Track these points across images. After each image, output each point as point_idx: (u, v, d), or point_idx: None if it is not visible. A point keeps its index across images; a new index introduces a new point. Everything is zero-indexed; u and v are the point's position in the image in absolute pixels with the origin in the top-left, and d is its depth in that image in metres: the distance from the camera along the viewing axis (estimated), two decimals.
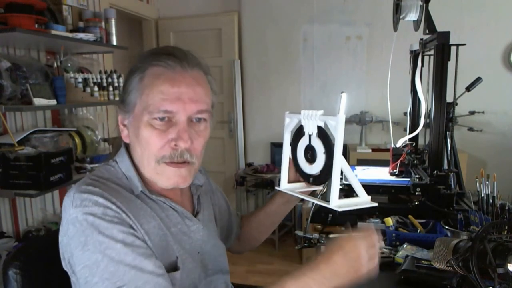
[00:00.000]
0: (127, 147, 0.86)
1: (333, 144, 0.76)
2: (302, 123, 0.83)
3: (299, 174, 0.88)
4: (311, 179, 0.83)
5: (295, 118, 0.87)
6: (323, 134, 0.78)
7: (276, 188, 0.96)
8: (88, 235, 0.70)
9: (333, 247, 0.73)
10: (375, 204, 0.78)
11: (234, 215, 1.15)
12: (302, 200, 0.95)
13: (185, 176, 0.81)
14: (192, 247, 0.86)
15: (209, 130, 0.86)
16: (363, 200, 0.78)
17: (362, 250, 0.71)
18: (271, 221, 1.13)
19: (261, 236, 1.17)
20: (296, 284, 0.70)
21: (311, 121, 0.80)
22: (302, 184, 0.95)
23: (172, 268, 0.79)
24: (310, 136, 0.81)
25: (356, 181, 0.77)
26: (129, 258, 0.70)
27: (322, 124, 0.79)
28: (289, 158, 0.92)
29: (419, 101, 1.71)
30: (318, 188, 0.89)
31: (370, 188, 1.45)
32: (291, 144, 0.89)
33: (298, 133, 0.84)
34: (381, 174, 1.63)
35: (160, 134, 0.77)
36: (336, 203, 0.75)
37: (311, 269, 0.71)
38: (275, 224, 1.15)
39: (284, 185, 0.94)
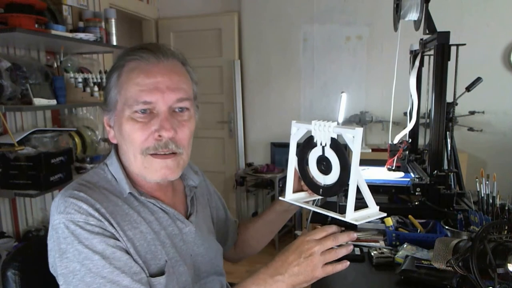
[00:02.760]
0: (117, 149, 0.86)
1: (347, 156, 0.74)
2: (313, 134, 0.79)
3: (306, 185, 0.86)
4: (321, 190, 0.80)
5: (303, 128, 0.83)
6: (336, 146, 0.76)
7: (281, 198, 0.93)
8: (69, 244, 0.71)
9: (290, 247, 0.75)
10: (385, 214, 0.79)
11: (232, 221, 1.13)
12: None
13: (172, 167, 0.80)
14: (183, 249, 0.86)
15: (194, 120, 0.84)
16: (373, 211, 0.77)
17: (316, 252, 0.72)
18: (269, 230, 1.11)
19: (258, 245, 1.15)
20: (254, 283, 0.73)
21: (323, 132, 0.77)
22: (306, 193, 0.94)
23: (160, 272, 0.79)
24: (323, 147, 0.78)
25: (369, 193, 0.76)
26: (106, 271, 0.70)
27: (335, 136, 0.76)
28: (295, 168, 0.88)
29: (419, 101, 1.71)
30: (319, 197, 0.87)
31: (372, 188, 1.46)
32: (297, 154, 0.85)
33: (308, 143, 0.81)
34: (382, 174, 1.63)
35: (143, 127, 0.77)
36: (352, 216, 0.74)
37: (267, 268, 0.74)
38: (273, 233, 1.13)
39: (290, 196, 0.91)
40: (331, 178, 0.78)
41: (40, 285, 0.88)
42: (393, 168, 1.64)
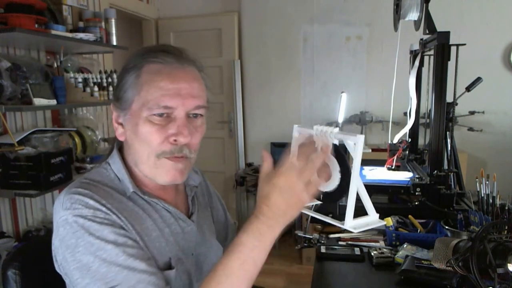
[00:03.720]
0: (120, 148, 0.86)
1: (349, 163, 0.74)
2: (315, 139, 0.77)
3: None
4: (321, 196, 0.79)
5: (305, 132, 0.81)
6: (338, 152, 0.75)
7: None
8: (79, 237, 0.70)
9: (268, 188, 0.68)
10: (384, 223, 0.78)
11: (231, 223, 1.13)
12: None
13: (182, 170, 0.81)
14: (185, 248, 0.86)
15: (205, 126, 0.86)
16: (373, 219, 0.77)
17: (296, 181, 0.67)
18: None
19: None
20: (250, 237, 0.68)
21: (324, 138, 0.75)
22: None
23: (167, 267, 0.79)
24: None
25: (369, 201, 0.76)
26: (120, 259, 0.70)
27: (337, 142, 0.75)
28: None
29: (419, 101, 1.71)
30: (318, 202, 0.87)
31: (381, 188, 1.46)
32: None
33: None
34: (392, 175, 1.62)
35: (160, 130, 0.77)
36: (351, 223, 0.74)
37: (258, 219, 0.68)
38: None
39: None
40: (331, 184, 0.77)
41: (40, 285, 0.88)
42: (393, 167, 1.64)
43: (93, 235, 0.70)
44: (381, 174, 1.63)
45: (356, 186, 0.72)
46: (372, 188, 1.45)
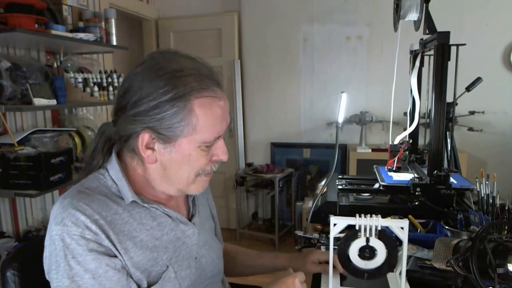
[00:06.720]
0: (117, 153, 0.83)
1: (395, 242, 0.84)
2: (358, 228, 0.85)
3: (349, 273, 0.89)
4: (366, 274, 0.87)
5: (344, 223, 0.87)
6: (384, 235, 0.84)
7: None
8: (62, 257, 0.71)
9: (277, 284, 0.83)
10: None
11: (219, 227, 1.11)
12: (303, 201, 0.96)
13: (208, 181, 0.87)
14: (187, 252, 0.86)
15: None
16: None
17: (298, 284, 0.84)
18: (251, 270, 1.16)
19: (234, 272, 1.16)
20: None
21: (369, 225, 0.84)
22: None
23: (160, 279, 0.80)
24: (368, 238, 0.85)
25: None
26: None
27: (380, 228, 0.83)
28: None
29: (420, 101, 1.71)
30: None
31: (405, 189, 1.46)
32: (340, 247, 0.88)
33: (352, 235, 0.86)
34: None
35: (207, 154, 0.81)
36: None
37: None
38: (256, 273, 1.16)
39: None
40: (374, 263, 0.85)
41: (39, 285, 0.88)
42: (394, 168, 1.63)
43: (75, 259, 0.71)
44: (405, 175, 1.61)
45: (405, 263, 0.83)
46: (402, 189, 1.47)
